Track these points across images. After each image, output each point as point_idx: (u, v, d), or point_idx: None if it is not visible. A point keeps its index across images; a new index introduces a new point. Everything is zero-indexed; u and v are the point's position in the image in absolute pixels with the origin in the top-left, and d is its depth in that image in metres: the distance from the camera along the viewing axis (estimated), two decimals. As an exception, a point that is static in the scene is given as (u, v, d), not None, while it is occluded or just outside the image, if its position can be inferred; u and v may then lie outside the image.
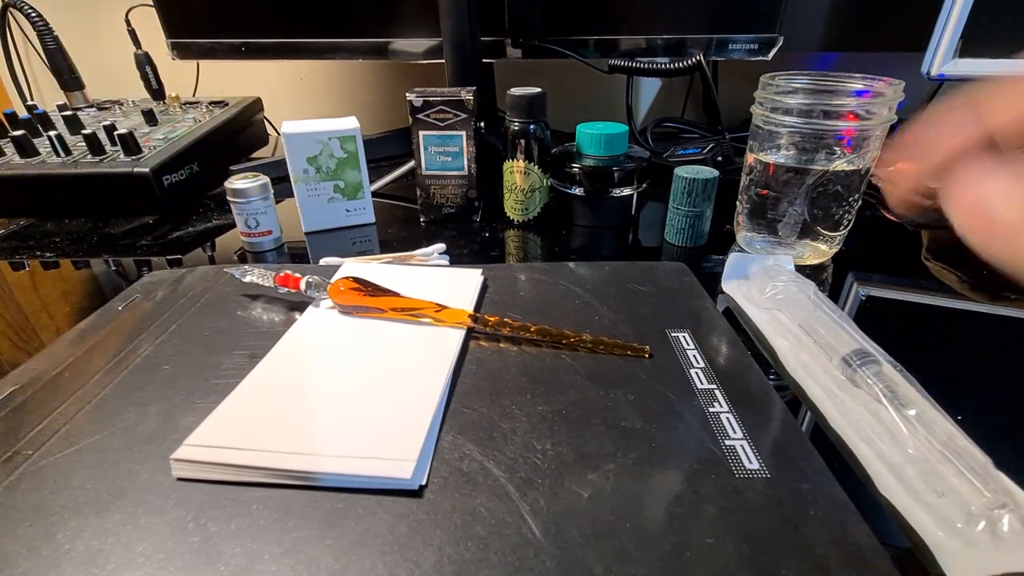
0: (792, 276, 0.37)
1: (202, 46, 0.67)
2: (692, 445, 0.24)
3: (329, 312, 0.35)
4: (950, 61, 0.50)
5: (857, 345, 0.29)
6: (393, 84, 0.90)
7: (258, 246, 0.48)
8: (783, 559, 0.19)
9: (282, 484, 0.23)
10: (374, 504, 0.22)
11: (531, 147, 0.47)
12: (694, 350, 0.31)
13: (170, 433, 0.25)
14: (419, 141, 0.49)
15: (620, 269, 0.40)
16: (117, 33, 0.77)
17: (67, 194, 0.56)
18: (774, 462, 0.23)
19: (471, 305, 0.34)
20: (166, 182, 0.56)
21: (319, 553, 0.20)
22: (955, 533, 0.20)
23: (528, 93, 0.46)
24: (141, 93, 0.77)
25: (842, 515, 0.21)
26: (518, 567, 0.19)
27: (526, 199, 0.50)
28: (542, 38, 0.62)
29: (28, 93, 0.90)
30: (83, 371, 0.30)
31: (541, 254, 0.48)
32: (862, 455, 0.24)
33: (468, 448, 0.24)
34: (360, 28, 0.64)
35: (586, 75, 0.65)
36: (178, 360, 0.31)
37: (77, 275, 0.47)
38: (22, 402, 0.28)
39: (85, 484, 0.23)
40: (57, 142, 0.56)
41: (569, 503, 0.22)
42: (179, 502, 0.22)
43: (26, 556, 0.20)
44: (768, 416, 0.26)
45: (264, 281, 0.37)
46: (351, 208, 0.51)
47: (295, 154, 0.47)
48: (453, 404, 0.27)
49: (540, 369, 0.30)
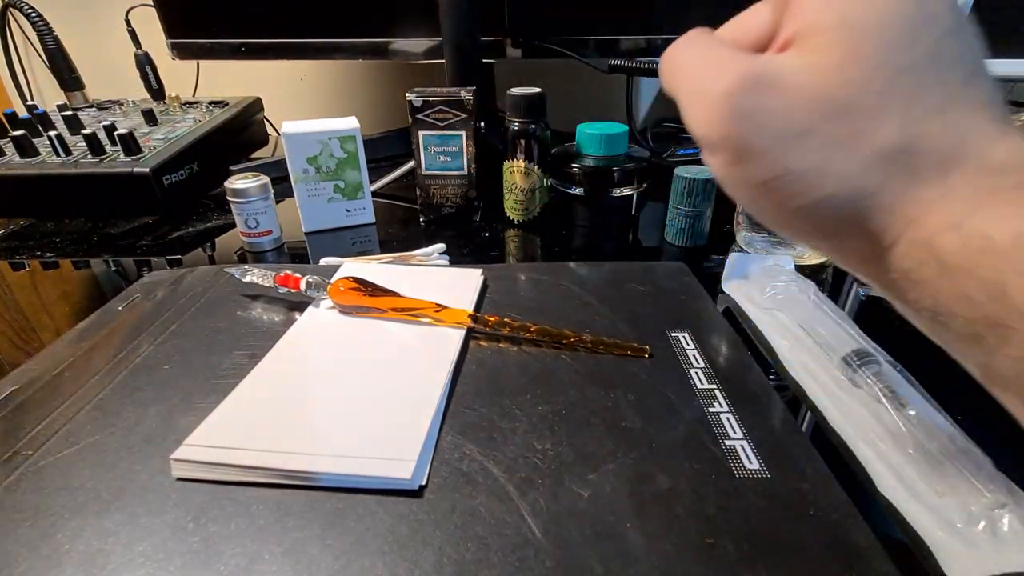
0: (792, 276, 0.37)
1: (202, 46, 0.67)
2: (692, 445, 0.24)
3: (329, 312, 0.35)
4: (950, 61, 0.50)
5: (857, 345, 0.29)
6: (393, 84, 0.90)
7: (258, 246, 0.48)
8: (783, 559, 0.19)
9: (282, 484, 0.23)
10: (374, 504, 0.22)
11: (531, 147, 0.47)
12: (694, 350, 0.31)
13: (170, 433, 0.25)
14: (419, 141, 0.49)
15: (620, 269, 0.40)
16: (117, 33, 0.77)
17: (67, 194, 0.56)
18: (774, 462, 0.23)
19: (471, 305, 0.34)
20: (166, 182, 0.56)
21: (319, 553, 0.20)
22: (955, 533, 0.20)
23: (528, 93, 0.46)
24: (141, 93, 0.77)
25: (842, 515, 0.21)
26: (518, 567, 0.19)
27: (526, 199, 0.50)
28: (542, 38, 0.62)
29: (28, 93, 0.90)
30: (83, 371, 0.30)
31: (541, 254, 0.48)
32: (862, 455, 0.24)
33: (468, 448, 0.24)
34: (360, 28, 0.64)
35: (586, 75, 0.65)
36: (178, 360, 0.31)
37: (77, 275, 0.47)
38: (22, 402, 0.28)
39: (85, 484, 0.23)
40: (57, 142, 0.56)
41: (569, 503, 0.22)
42: (179, 502, 0.22)
43: (26, 556, 0.20)
44: (768, 416, 0.26)
45: (264, 281, 0.37)
46: (351, 208, 0.51)
47: (295, 154, 0.47)
48: (453, 404, 0.27)
49: (540, 369, 0.30)
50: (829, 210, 0.17)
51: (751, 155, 0.17)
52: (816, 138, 0.16)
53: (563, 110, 0.73)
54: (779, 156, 0.17)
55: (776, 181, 0.17)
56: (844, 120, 0.16)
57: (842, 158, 0.16)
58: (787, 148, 0.16)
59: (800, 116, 0.16)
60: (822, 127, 0.16)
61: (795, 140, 0.16)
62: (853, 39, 0.16)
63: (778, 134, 0.16)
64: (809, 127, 0.16)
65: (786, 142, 0.16)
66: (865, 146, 0.16)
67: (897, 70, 0.15)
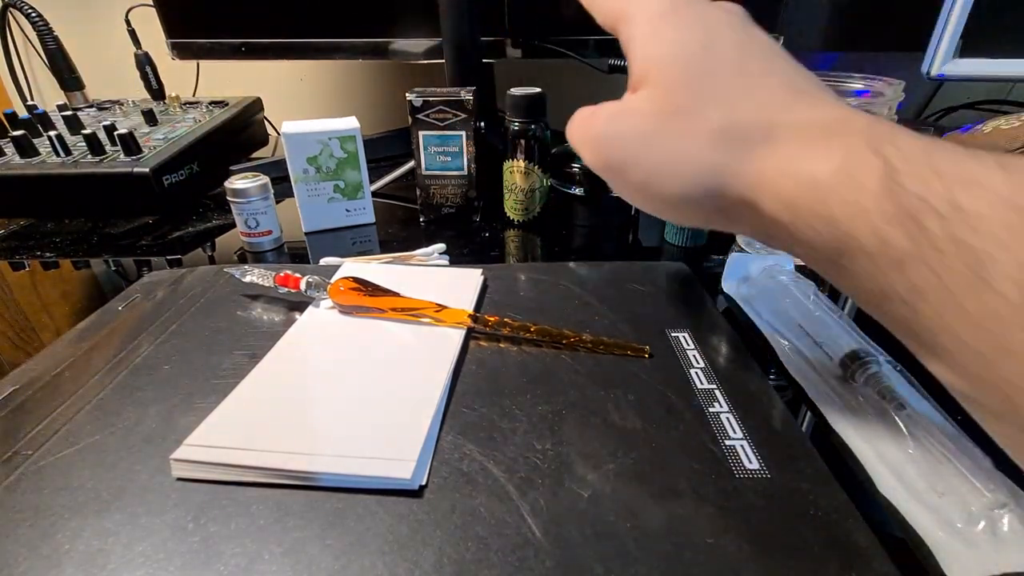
0: (792, 276, 0.37)
1: (202, 46, 0.67)
2: (692, 445, 0.24)
3: (329, 312, 0.35)
4: (950, 61, 0.50)
5: (857, 345, 0.29)
6: (393, 84, 0.90)
7: (258, 246, 0.48)
8: (783, 559, 0.19)
9: (282, 484, 0.23)
10: (374, 504, 0.22)
11: (531, 147, 0.47)
12: (694, 350, 0.31)
13: (170, 433, 0.25)
14: (419, 141, 0.49)
15: (620, 269, 0.40)
16: (117, 33, 0.77)
17: (67, 194, 0.55)
18: (774, 462, 0.23)
19: (471, 305, 0.34)
20: (166, 182, 0.56)
21: (319, 553, 0.20)
22: (955, 533, 0.20)
23: (528, 93, 0.46)
24: (141, 93, 0.77)
25: (842, 515, 0.21)
26: (518, 567, 0.19)
27: (526, 199, 0.50)
28: (542, 38, 0.62)
29: (28, 93, 0.90)
30: (83, 371, 0.30)
31: (541, 254, 0.48)
32: (862, 455, 0.24)
33: (468, 448, 0.24)
34: (360, 28, 0.64)
35: (586, 75, 0.65)
36: (178, 360, 0.31)
37: (77, 275, 0.47)
38: (22, 402, 0.28)
39: (85, 484, 0.23)
40: (57, 142, 0.56)
41: (569, 503, 0.22)
42: (179, 502, 0.22)
43: (26, 556, 0.20)
44: (768, 416, 0.26)
45: (264, 281, 0.37)
46: (351, 208, 0.51)
47: (295, 154, 0.47)
48: (453, 404, 0.27)
49: (540, 369, 0.30)
50: (700, 190, 0.21)
51: (624, 168, 0.23)
52: (661, 139, 0.22)
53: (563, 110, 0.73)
54: (641, 161, 0.22)
55: (648, 180, 0.22)
56: (677, 121, 0.21)
57: (686, 146, 0.21)
58: (646, 153, 0.22)
59: (646, 127, 0.22)
60: (664, 128, 0.21)
61: (648, 146, 0.22)
62: (668, 70, 0.21)
63: (635, 146, 0.22)
64: (654, 131, 0.22)
65: (642, 149, 0.22)
66: (700, 133, 0.21)
67: (704, 78, 0.21)
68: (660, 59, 0.22)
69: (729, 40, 0.22)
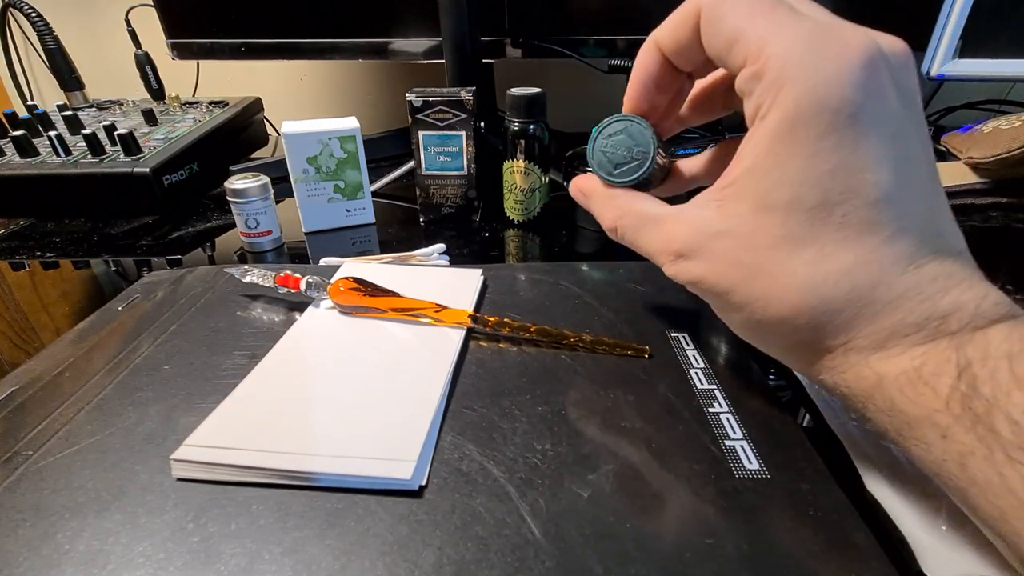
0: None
1: (202, 46, 0.67)
2: (692, 445, 0.24)
3: (329, 312, 0.35)
4: (950, 61, 0.50)
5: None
6: (393, 84, 0.90)
7: (258, 246, 0.48)
8: (782, 559, 0.19)
9: (282, 484, 0.23)
10: (374, 504, 0.22)
11: (531, 147, 0.47)
12: (694, 350, 0.31)
13: (170, 433, 0.25)
14: (419, 141, 0.49)
15: (620, 269, 0.40)
16: (117, 33, 0.77)
17: (67, 194, 0.55)
18: (774, 462, 0.23)
19: (471, 305, 0.34)
20: (166, 182, 0.56)
21: (319, 553, 0.20)
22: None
23: (528, 93, 0.46)
24: (141, 93, 0.77)
25: (841, 515, 0.21)
26: (518, 567, 0.19)
27: (526, 199, 0.50)
28: (542, 38, 0.62)
29: (28, 93, 0.90)
30: (83, 371, 0.30)
31: (541, 254, 0.48)
32: (861, 455, 0.24)
33: (468, 448, 0.24)
34: (360, 28, 0.64)
35: (586, 75, 0.65)
36: (178, 360, 0.31)
37: (77, 275, 0.47)
38: (22, 402, 0.28)
39: (85, 484, 0.23)
40: (57, 142, 0.56)
41: (569, 503, 0.22)
42: (179, 502, 0.22)
43: (26, 556, 0.20)
44: (768, 416, 0.26)
45: (264, 281, 0.37)
46: (351, 208, 0.51)
47: (295, 154, 0.47)
48: (453, 404, 0.27)
49: (540, 369, 0.30)
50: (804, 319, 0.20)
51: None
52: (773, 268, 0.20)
53: (563, 110, 0.73)
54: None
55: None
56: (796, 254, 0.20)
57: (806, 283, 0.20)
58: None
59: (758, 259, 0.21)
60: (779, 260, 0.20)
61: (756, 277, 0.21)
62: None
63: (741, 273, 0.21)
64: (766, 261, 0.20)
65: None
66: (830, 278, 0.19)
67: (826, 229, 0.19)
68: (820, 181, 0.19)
69: (845, 190, 0.19)
